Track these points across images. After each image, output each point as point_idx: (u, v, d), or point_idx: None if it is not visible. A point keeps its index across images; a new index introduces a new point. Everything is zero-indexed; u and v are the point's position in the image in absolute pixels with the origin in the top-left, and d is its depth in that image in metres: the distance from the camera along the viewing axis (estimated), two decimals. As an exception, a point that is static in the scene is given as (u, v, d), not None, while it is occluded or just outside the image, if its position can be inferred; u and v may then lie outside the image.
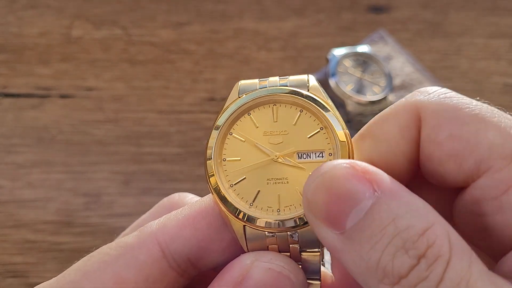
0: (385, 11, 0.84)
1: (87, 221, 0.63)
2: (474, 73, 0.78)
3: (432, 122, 0.24)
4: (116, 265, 0.25)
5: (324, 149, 0.26)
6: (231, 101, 0.29)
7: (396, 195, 0.22)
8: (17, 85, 0.74)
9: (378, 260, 0.21)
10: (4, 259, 0.60)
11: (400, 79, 0.77)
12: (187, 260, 0.26)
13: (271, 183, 0.26)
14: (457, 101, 0.24)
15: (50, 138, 0.69)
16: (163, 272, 0.26)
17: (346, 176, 0.22)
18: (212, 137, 0.28)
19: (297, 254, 0.26)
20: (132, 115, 0.72)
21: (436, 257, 0.20)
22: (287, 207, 0.26)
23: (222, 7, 0.83)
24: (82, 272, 0.26)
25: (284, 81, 0.28)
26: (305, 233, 0.25)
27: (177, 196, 0.34)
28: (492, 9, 0.85)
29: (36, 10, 0.81)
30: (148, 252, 0.26)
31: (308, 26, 0.82)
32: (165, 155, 0.68)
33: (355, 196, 0.21)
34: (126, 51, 0.78)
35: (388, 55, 0.79)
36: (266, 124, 0.27)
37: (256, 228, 0.26)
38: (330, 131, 0.26)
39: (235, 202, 0.26)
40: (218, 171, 0.27)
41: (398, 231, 0.21)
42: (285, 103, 0.28)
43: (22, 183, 0.65)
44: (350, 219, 0.21)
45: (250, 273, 0.24)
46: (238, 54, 0.78)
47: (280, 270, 0.25)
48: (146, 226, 0.27)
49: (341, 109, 0.69)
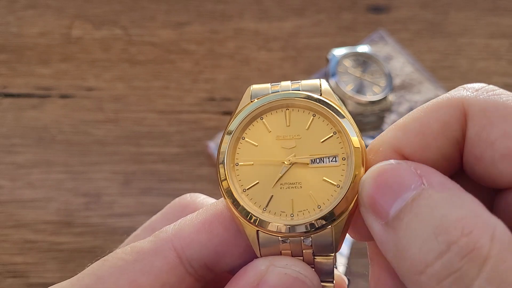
0: (385, 11, 0.84)
1: (87, 221, 0.63)
2: (474, 73, 0.78)
3: (483, 121, 0.23)
4: (132, 271, 0.25)
5: (337, 154, 0.26)
6: (243, 105, 0.28)
7: (442, 188, 0.21)
8: (17, 85, 0.74)
9: (408, 248, 0.20)
10: (4, 259, 0.60)
11: (400, 79, 0.77)
12: (203, 265, 0.26)
13: (284, 187, 0.26)
14: (507, 98, 0.23)
15: (50, 138, 0.69)
16: (180, 278, 0.26)
17: (397, 169, 0.22)
18: (224, 142, 0.28)
19: (311, 258, 0.26)
20: (132, 115, 0.72)
21: (471, 249, 0.19)
22: (300, 212, 0.26)
23: (222, 7, 0.83)
24: (97, 276, 0.25)
25: (296, 85, 0.28)
26: (318, 238, 0.25)
27: (188, 197, 0.33)
28: (492, 9, 0.85)
29: (36, 10, 0.81)
30: (164, 258, 0.25)
31: (308, 26, 0.82)
32: (165, 155, 0.68)
33: (401, 186, 0.21)
34: (126, 51, 0.78)
35: (388, 55, 0.79)
36: (278, 128, 0.27)
37: (269, 233, 0.25)
38: (344, 136, 0.26)
39: (247, 206, 0.26)
40: (231, 175, 0.27)
41: (433, 218, 0.20)
42: (298, 108, 0.27)
43: (22, 183, 0.65)
44: (393, 209, 0.21)
45: (266, 278, 0.24)
46: (238, 54, 0.78)
47: (296, 275, 0.24)
48: (162, 231, 0.27)
49: (341, 109, 0.69)
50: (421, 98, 0.75)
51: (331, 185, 0.26)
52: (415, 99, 0.75)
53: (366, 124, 0.69)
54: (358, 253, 0.61)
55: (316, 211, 0.25)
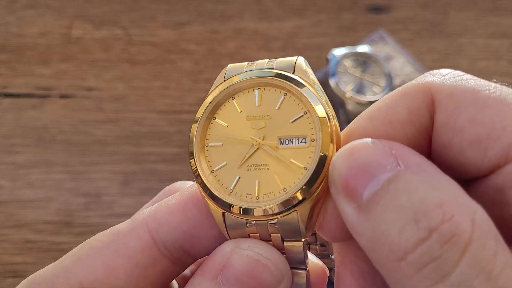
0: (385, 11, 0.84)
1: (87, 221, 0.63)
2: (474, 73, 0.77)
3: (450, 106, 0.22)
4: (108, 252, 0.25)
5: (306, 135, 0.25)
6: (216, 85, 0.28)
7: (419, 169, 0.20)
8: (17, 85, 0.74)
9: (387, 234, 0.19)
10: (4, 259, 0.60)
11: (400, 79, 0.77)
12: (179, 247, 0.26)
13: (252, 169, 0.25)
14: (475, 83, 0.22)
15: (50, 138, 0.69)
16: (154, 259, 0.25)
17: (370, 149, 0.21)
18: (194, 122, 0.27)
19: (280, 243, 0.25)
20: (132, 115, 0.72)
21: (452, 234, 0.18)
22: (266, 194, 0.24)
23: (222, 7, 0.83)
24: (76, 258, 0.26)
25: (271, 63, 0.27)
26: (284, 222, 0.24)
27: (178, 184, 0.33)
28: (492, 9, 0.85)
29: (36, 10, 0.81)
30: (138, 239, 0.25)
31: (308, 26, 0.82)
32: (165, 155, 0.68)
33: (376, 168, 0.20)
34: (126, 51, 0.78)
35: (388, 55, 0.79)
36: (249, 108, 0.26)
37: (234, 216, 0.25)
38: (312, 113, 0.25)
39: (213, 188, 0.25)
40: (199, 156, 0.26)
41: (412, 201, 0.19)
42: (269, 87, 0.26)
43: (22, 183, 0.65)
44: (367, 191, 0.20)
45: (230, 261, 0.24)
46: (238, 54, 0.78)
47: (258, 258, 0.24)
48: (139, 213, 0.27)
49: (341, 109, 0.69)
50: (421, 98, 0.75)
51: (298, 167, 0.24)
52: (415, 99, 0.75)
53: (366, 124, 0.69)
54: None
55: (281, 193, 0.24)
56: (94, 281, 0.24)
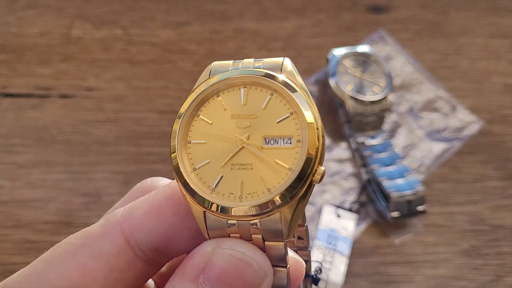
0: (385, 11, 0.84)
1: (87, 221, 0.63)
2: (474, 73, 0.78)
3: None
4: (81, 256, 0.25)
5: (292, 135, 0.24)
6: (200, 82, 0.27)
7: None
8: (17, 85, 0.74)
9: None
10: (4, 259, 0.60)
11: (400, 79, 0.77)
12: (153, 249, 0.26)
13: (235, 168, 0.25)
14: None
15: (50, 138, 0.69)
16: (129, 261, 0.25)
17: None
18: (177, 118, 0.27)
19: (261, 243, 0.25)
20: (132, 115, 0.72)
21: None
22: (249, 194, 0.24)
23: (222, 7, 0.83)
24: (48, 262, 0.25)
25: (258, 63, 0.27)
26: (266, 223, 0.24)
27: (149, 181, 0.32)
28: (492, 9, 0.85)
29: (36, 10, 0.81)
30: (112, 242, 0.25)
31: (308, 26, 0.82)
32: (165, 155, 0.68)
33: None
34: (126, 51, 0.78)
35: (388, 55, 0.79)
36: (234, 106, 0.26)
37: (215, 215, 0.24)
38: (299, 115, 0.24)
39: (195, 186, 0.25)
40: (181, 153, 0.26)
41: None
42: (256, 86, 0.26)
43: (22, 183, 0.65)
44: None
45: (212, 260, 0.23)
46: (238, 54, 0.78)
47: (241, 257, 0.24)
48: (112, 214, 0.26)
49: (341, 109, 0.69)
50: (421, 98, 0.75)
51: (283, 168, 0.24)
52: (415, 99, 0.75)
53: (366, 124, 0.69)
54: (358, 253, 0.61)
55: (265, 194, 0.24)
56: (69, 286, 0.24)
